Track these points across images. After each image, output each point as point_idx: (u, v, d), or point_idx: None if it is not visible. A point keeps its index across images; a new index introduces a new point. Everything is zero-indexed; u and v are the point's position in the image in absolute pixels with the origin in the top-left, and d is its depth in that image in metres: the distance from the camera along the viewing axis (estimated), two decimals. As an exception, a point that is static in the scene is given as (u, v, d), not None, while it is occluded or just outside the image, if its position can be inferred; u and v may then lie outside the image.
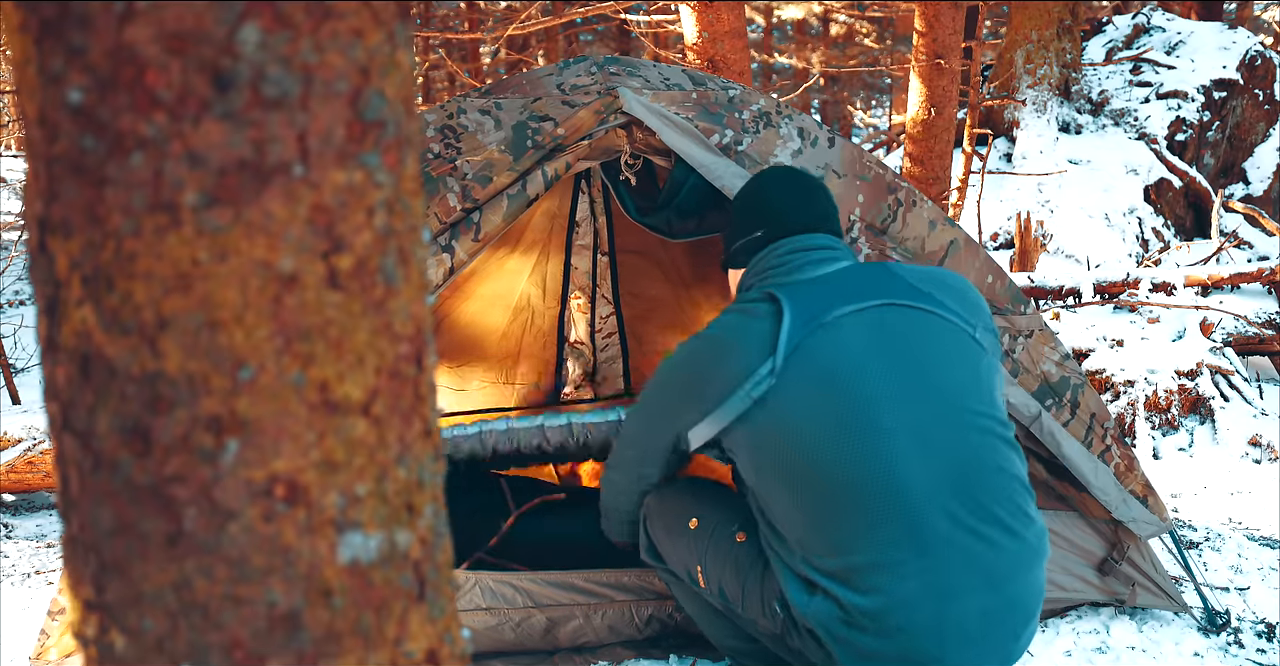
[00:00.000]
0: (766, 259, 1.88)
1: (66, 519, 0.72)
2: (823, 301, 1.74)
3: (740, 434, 1.74)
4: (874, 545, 1.62)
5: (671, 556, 2.00)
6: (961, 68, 5.82)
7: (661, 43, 11.28)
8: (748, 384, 1.71)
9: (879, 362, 1.68)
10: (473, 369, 3.30)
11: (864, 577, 1.62)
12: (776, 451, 1.69)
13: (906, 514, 1.62)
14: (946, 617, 1.61)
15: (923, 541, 1.61)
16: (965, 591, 1.62)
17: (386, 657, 0.73)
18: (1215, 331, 4.73)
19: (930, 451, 1.65)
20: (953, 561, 1.62)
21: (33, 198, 0.69)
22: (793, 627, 1.75)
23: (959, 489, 1.64)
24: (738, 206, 1.98)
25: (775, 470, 1.70)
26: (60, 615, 2.00)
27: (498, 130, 2.16)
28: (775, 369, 1.69)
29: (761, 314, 1.76)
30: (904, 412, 1.66)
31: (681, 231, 2.51)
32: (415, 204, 0.74)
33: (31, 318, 4.97)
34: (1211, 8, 10.03)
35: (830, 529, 1.65)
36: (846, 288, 1.77)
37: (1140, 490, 2.36)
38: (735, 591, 1.85)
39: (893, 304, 1.74)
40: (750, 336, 1.74)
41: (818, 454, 1.65)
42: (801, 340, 1.70)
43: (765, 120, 2.27)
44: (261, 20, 0.64)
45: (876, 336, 1.71)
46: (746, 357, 1.72)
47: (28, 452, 3.36)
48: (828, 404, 1.67)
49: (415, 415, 0.74)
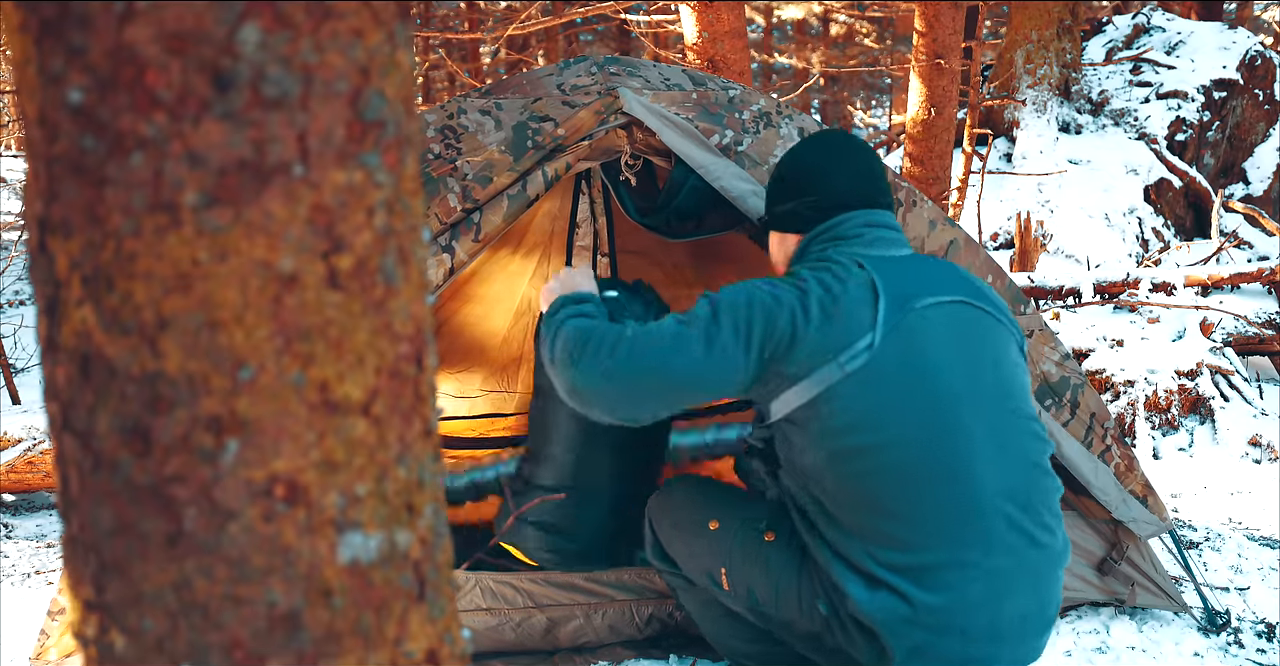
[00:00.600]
0: (839, 227, 1.79)
1: (66, 519, 0.72)
2: (910, 286, 1.69)
3: (820, 408, 1.64)
4: (948, 543, 1.61)
5: (688, 560, 1.94)
6: (961, 68, 5.82)
7: (661, 43, 11.28)
8: (844, 355, 1.62)
9: (959, 360, 1.67)
10: (474, 375, 3.30)
11: (936, 575, 1.61)
12: (857, 434, 1.62)
13: (979, 515, 1.62)
14: (1000, 619, 1.64)
15: (989, 543, 1.63)
16: (1015, 593, 1.65)
17: (386, 657, 0.73)
18: (1215, 331, 4.73)
19: (999, 453, 1.66)
20: (1009, 564, 1.64)
21: (33, 198, 0.69)
22: (838, 626, 1.71)
23: (1017, 492, 1.66)
24: (791, 168, 1.89)
25: (850, 455, 1.63)
26: (60, 615, 2.00)
27: (498, 130, 2.16)
28: (874, 344, 1.62)
29: (857, 281, 1.67)
30: (979, 413, 1.66)
31: (681, 232, 2.50)
32: (415, 204, 0.74)
33: (31, 318, 4.97)
34: (1211, 8, 10.03)
35: (905, 523, 1.61)
36: (926, 277, 1.73)
37: (1140, 490, 2.36)
38: (767, 592, 1.80)
39: (964, 301, 1.72)
40: (850, 304, 1.65)
41: (902, 446, 1.62)
42: (897, 322, 1.64)
43: (765, 120, 2.27)
44: (261, 20, 0.64)
45: (955, 333, 1.69)
46: (846, 325, 1.63)
47: (28, 452, 3.36)
48: (915, 395, 1.63)
49: (415, 415, 0.74)
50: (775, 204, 1.90)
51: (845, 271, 1.69)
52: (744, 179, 2.19)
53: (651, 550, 2.05)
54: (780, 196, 1.89)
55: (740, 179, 2.19)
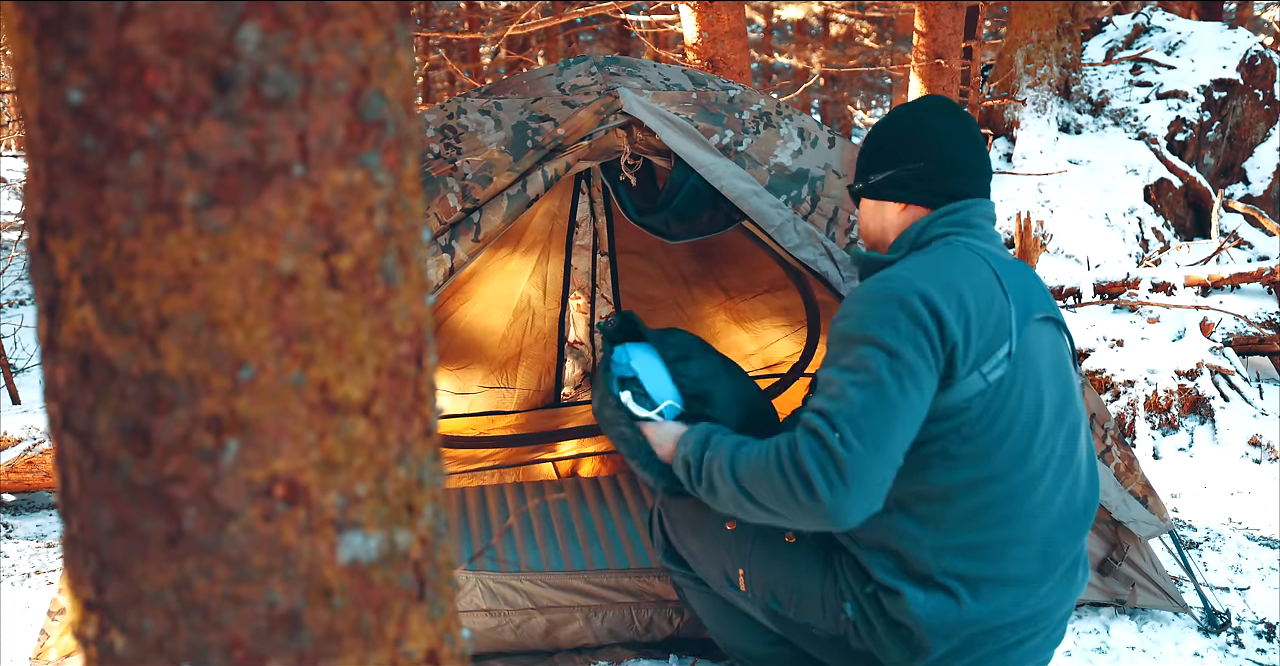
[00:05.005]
0: (964, 213, 1.68)
1: (66, 519, 0.72)
2: (1025, 294, 1.62)
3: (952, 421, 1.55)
4: (1015, 560, 1.63)
5: (702, 560, 1.93)
6: (961, 68, 5.82)
7: (661, 43, 11.28)
8: (988, 364, 1.54)
9: (1052, 381, 1.65)
10: (473, 372, 3.30)
11: (995, 589, 1.62)
12: (972, 443, 1.56)
13: (1044, 538, 1.64)
14: (1031, 641, 1.68)
15: (1047, 566, 1.65)
16: (1049, 617, 1.69)
17: (386, 657, 0.73)
18: (1215, 331, 4.72)
19: (1070, 481, 1.68)
20: (1055, 590, 1.67)
21: (33, 198, 0.69)
22: (865, 628, 1.71)
23: (1070, 521, 1.68)
24: (894, 133, 1.74)
25: (957, 461, 1.57)
26: (60, 615, 2.00)
27: (498, 130, 2.16)
28: (1012, 353, 1.55)
29: (988, 281, 1.57)
30: (1060, 437, 1.66)
31: (681, 232, 2.50)
32: (415, 204, 0.74)
33: (31, 318, 4.97)
34: (1211, 8, 10.02)
35: (979, 533, 1.61)
36: (1030, 286, 1.66)
37: (1140, 490, 2.36)
38: (788, 594, 1.79)
39: (1052, 318, 1.70)
40: (995, 307, 1.55)
41: (1005, 460, 1.59)
42: (1022, 331, 1.58)
43: (765, 120, 2.27)
44: (261, 20, 0.64)
45: (1050, 353, 1.67)
46: (989, 332, 1.54)
47: (28, 452, 3.36)
48: (1025, 411, 1.59)
49: (415, 415, 0.74)
50: (875, 170, 1.75)
51: (980, 268, 1.59)
52: (744, 179, 2.19)
53: (661, 550, 2.03)
54: (881, 163, 1.74)
55: (740, 179, 2.19)
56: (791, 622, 1.83)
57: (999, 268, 1.62)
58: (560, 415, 3.36)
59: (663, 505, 2.02)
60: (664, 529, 2.01)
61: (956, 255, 1.61)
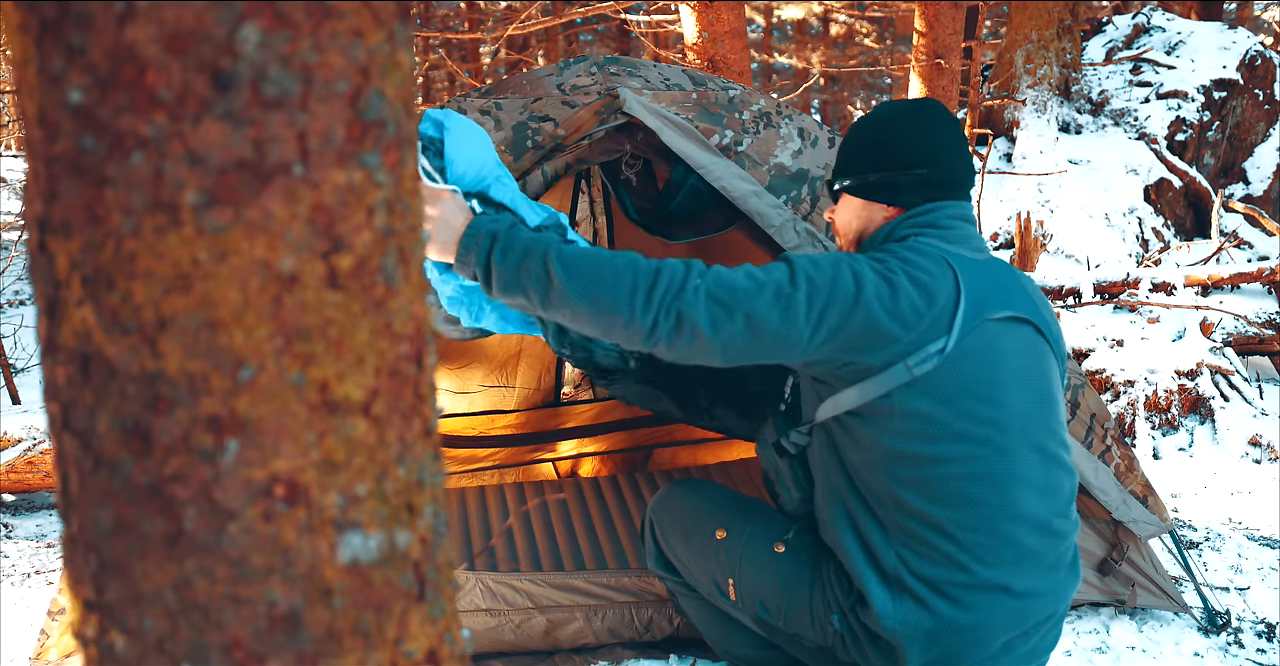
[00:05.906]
0: (934, 215, 1.68)
1: (66, 519, 0.72)
2: (986, 293, 1.62)
3: (881, 409, 1.58)
4: (986, 565, 1.60)
5: (692, 568, 1.92)
6: (961, 68, 5.82)
7: (661, 43, 11.28)
8: (915, 356, 1.55)
9: (1018, 383, 1.62)
10: (473, 371, 3.30)
11: (968, 595, 1.60)
12: (915, 442, 1.58)
13: (1017, 543, 1.62)
14: (1014, 648, 1.65)
15: (1022, 572, 1.62)
16: (1033, 625, 1.66)
17: (386, 657, 0.73)
18: (1215, 331, 4.73)
19: (1043, 484, 1.65)
20: (1036, 598, 1.64)
21: (33, 198, 0.69)
22: (851, 640, 1.70)
23: (1047, 526, 1.65)
24: (901, 134, 1.72)
25: (904, 462, 1.59)
26: (60, 615, 2.00)
27: (498, 130, 2.16)
28: (945, 350, 1.55)
29: (943, 280, 1.59)
30: (1029, 441, 1.63)
31: (681, 232, 2.50)
32: (415, 204, 0.74)
33: (31, 318, 4.97)
34: (1211, 8, 10.02)
35: (946, 538, 1.59)
36: (998, 285, 1.66)
37: (1140, 490, 2.36)
38: (777, 605, 1.78)
39: (1024, 319, 1.66)
40: (935, 302, 1.57)
41: (957, 462, 1.58)
42: (971, 330, 1.58)
43: (765, 120, 2.27)
44: (261, 20, 0.64)
45: (1017, 352, 1.64)
46: (922, 325, 1.55)
47: (28, 452, 3.36)
48: (975, 413, 1.58)
49: (415, 415, 0.74)
50: (872, 169, 1.72)
51: (934, 268, 1.60)
52: (744, 179, 2.19)
53: (653, 556, 2.03)
54: (880, 163, 1.72)
55: (740, 179, 2.19)
56: (781, 632, 1.83)
57: (962, 267, 1.62)
58: (560, 414, 3.36)
59: (654, 513, 2.02)
60: (655, 536, 2.01)
61: (909, 254, 1.63)
